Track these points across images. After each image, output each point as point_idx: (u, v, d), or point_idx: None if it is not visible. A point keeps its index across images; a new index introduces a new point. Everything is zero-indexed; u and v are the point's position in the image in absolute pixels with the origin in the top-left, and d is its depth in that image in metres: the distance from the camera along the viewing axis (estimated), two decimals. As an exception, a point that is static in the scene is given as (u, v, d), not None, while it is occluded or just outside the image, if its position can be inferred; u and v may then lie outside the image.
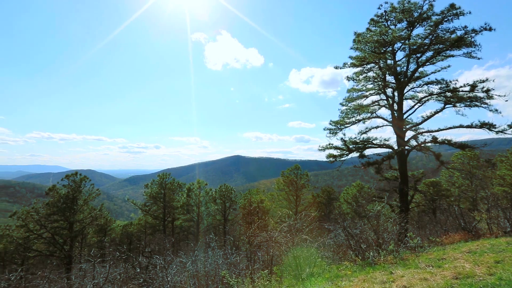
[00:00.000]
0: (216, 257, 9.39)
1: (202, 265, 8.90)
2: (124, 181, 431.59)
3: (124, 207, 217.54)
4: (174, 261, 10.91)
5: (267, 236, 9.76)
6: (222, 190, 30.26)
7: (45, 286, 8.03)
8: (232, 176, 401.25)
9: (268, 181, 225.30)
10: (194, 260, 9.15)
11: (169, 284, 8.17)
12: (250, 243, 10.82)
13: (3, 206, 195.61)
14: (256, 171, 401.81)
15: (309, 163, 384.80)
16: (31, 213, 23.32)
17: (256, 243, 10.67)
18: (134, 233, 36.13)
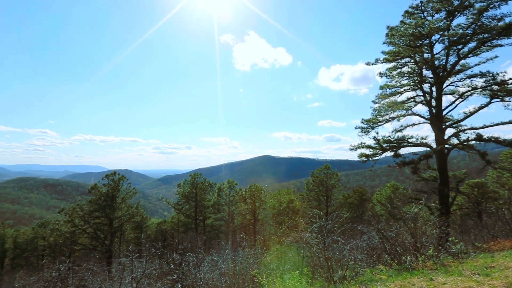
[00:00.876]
0: (247, 256, 9.46)
1: (233, 264, 9.01)
2: (158, 181, 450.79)
3: (158, 206, 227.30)
4: (206, 259, 11.16)
5: (297, 236, 9.66)
6: (252, 190, 30.46)
7: (90, 277, 8.63)
8: (261, 176, 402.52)
9: (297, 181, 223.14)
10: (225, 258, 9.30)
11: (201, 281, 8.38)
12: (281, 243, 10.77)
13: (52, 203, 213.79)
14: (286, 171, 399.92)
15: (339, 162, 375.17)
16: (76, 209, 25.19)
17: (286, 243, 10.60)
18: (167, 230, 37.61)
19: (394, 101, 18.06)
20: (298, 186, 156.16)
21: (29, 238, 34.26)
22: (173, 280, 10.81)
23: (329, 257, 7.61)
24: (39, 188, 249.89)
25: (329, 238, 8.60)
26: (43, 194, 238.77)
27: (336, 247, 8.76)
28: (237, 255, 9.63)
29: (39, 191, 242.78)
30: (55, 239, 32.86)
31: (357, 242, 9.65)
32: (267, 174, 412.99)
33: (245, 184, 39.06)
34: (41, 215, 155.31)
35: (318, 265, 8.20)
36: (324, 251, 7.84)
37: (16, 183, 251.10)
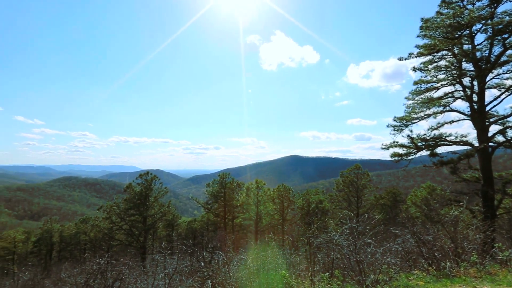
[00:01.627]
0: (276, 256, 9.43)
1: (262, 264, 9.02)
2: (188, 180, 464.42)
3: (188, 205, 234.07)
4: (235, 257, 11.29)
5: (327, 238, 9.47)
6: (280, 190, 30.33)
7: (126, 272, 9.10)
8: (289, 176, 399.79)
9: (326, 182, 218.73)
10: (254, 258, 9.34)
11: (231, 279, 8.49)
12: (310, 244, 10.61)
13: (92, 200, 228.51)
14: (314, 171, 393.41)
15: (370, 162, 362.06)
16: (113, 207, 26.68)
17: (316, 245, 10.42)
18: (197, 229, 38.60)
19: (430, 97, 17.04)
20: (327, 187, 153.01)
21: (73, 233, 36.87)
22: (204, 277, 11.07)
23: (360, 259, 7.37)
24: (80, 186, 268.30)
25: (360, 240, 8.33)
26: (84, 192, 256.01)
27: (368, 249, 8.46)
28: (266, 255, 9.64)
29: (81, 190, 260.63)
30: (95, 234, 35.08)
31: (390, 245, 9.23)
32: (295, 174, 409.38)
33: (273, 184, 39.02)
34: (82, 211, 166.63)
35: (349, 268, 7.98)
36: (355, 253, 7.60)
37: (61, 182, 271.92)
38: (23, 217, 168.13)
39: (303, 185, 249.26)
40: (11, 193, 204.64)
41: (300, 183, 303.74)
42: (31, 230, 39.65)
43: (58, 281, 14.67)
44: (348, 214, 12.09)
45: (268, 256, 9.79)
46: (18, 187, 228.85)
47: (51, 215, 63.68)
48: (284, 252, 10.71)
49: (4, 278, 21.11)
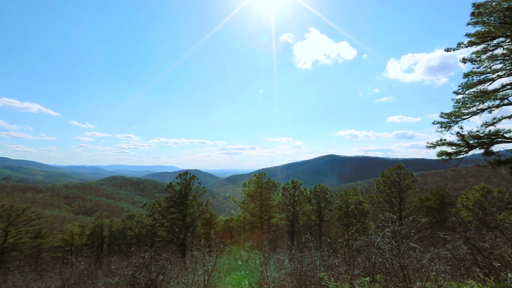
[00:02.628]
0: (313, 258, 9.26)
1: (300, 265, 8.91)
2: (224, 180, 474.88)
3: (225, 204, 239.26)
4: (272, 257, 11.29)
5: (367, 240, 9.07)
6: (317, 190, 29.72)
7: (168, 267, 9.56)
8: (326, 176, 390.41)
9: (365, 182, 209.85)
10: (291, 258, 9.27)
11: (268, 279, 8.51)
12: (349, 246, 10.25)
13: (137, 198, 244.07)
14: (352, 171, 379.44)
15: (414, 162, 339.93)
16: (155, 205, 28.17)
17: (355, 247, 10.04)
18: (234, 228, 39.27)
19: (484, 90, 15.49)
20: (366, 187, 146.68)
21: (120, 228, 39.66)
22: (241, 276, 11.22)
23: (405, 265, 6.94)
24: (126, 185, 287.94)
25: (404, 244, 7.85)
26: (129, 191, 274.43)
27: (413, 254, 7.95)
28: (303, 256, 9.51)
29: (126, 188, 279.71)
30: (140, 230, 37.36)
31: (439, 251, 8.56)
32: (331, 174, 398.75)
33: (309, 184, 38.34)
34: (128, 208, 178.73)
35: (392, 273, 7.56)
36: (399, 258, 7.18)
37: (109, 181, 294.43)
38: (79, 212, 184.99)
39: (340, 185, 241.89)
40: (68, 190, 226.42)
41: (337, 184, 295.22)
42: (85, 224, 43.42)
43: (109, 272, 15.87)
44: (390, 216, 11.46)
45: (305, 257, 9.64)
46: (74, 185, 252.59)
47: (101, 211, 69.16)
48: (322, 253, 10.48)
49: (64, 266, 23.39)
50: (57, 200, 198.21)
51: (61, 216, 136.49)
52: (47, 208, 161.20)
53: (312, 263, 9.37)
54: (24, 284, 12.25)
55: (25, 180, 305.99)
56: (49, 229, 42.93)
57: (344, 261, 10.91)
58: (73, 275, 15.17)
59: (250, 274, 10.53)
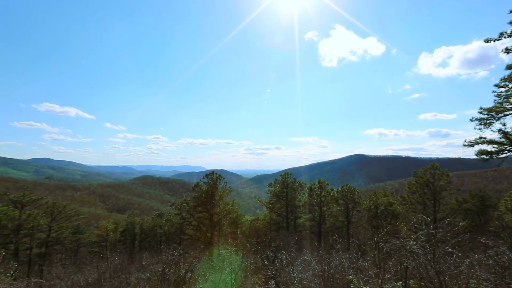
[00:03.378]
0: (342, 260, 9.05)
1: (327, 266, 8.75)
2: (250, 180, 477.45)
3: (251, 204, 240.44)
4: (299, 258, 11.18)
5: (399, 243, 8.70)
6: (344, 191, 28.97)
7: (196, 264, 9.79)
8: (353, 176, 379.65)
9: (396, 182, 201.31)
10: (318, 259, 9.12)
11: (295, 280, 8.44)
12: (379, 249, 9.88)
13: (165, 198, 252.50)
14: (381, 171, 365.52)
15: (449, 161, 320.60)
16: (183, 204, 28.95)
17: (386, 250, 9.67)
18: (260, 227, 39.35)
19: (530, 83, 14.26)
20: (397, 188, 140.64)
21: (150, 226, 41.24)
22: (267, 276, 11.23)
23: (441, 271, 6.57)
24: (156, 185, 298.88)
25: (440, 249, 7.43)
26: (158, 190, 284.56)
27: (450, 260, 7.50)
28: (331, 258, 9.32)
29: (156, 187, 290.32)
30: (169, 228, 38.61)
31: (480, 257, 8.00)
32: (359, 174, 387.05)
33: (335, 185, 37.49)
34: (157, 207, 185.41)
35: (426, 279, 7.19)
36: (434, 263, 6.80)
37: (140, 180, 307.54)
38: (112, 210, 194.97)
39: (368, 186, 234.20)
40: (103, 189, 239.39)
41: (365, 184, 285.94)
42: (119, 221, 45.67)
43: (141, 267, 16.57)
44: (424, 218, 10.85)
45: (333, 259, 9.44)
46: (108, 184, 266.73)
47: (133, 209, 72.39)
48: (350, 256, 10.20)
49: (100, 260, 24.77)
50: (93, 198, 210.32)
51: (97, 214, 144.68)
52: (84, 205, 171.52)
53: (340, 265, 9.15)
54: (66, 275, 13.14)
55: (65, 179, 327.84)
56: (86, 225, 45.74)
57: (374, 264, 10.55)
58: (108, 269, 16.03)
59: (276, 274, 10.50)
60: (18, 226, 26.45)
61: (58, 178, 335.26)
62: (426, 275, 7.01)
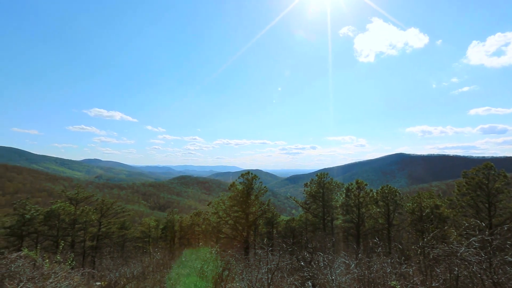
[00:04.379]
0: (383, 264, 8.60)
1: (367, 271, 8.37)
2: (285, 180, 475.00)
3: (286, 204, 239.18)
4: (337, 260, 10.85)
5: (448, 249, 8.06)
6: (385, 192, 27.54)
7: (233, 263, 9.95)
8: (394, 176, 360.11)
9: (442, 183, 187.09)
10: (358, 263, 8.76)
11: (333, 282, 8.19)
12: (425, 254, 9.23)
13: (202, 197, 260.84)
14: (425, 172, 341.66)
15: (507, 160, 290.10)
16: (220, 203, 29.65)
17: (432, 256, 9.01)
18: (296, 228, 38.93)
19: None
20: (444, 189, 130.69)
21: (189, 223, 42.81)
22: (304, 277, 11.06)
23: (499, 282, 5.94)
24: (193, 184, 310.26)
25: (498, 258, 6.73)
26: (196, 189, 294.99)
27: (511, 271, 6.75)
28: (371, 261, 8.90)
29: (193, 187, 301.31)
30: (206, 226, 39.71)
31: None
32: (400, 174, 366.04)
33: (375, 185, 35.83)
34: (195, 206, 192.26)
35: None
36: (491, 273, 6.18)
37: (178, 180, 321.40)
38: (154, 207, 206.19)
39: (410, 187, 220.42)
40: (145, 188, 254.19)
41: (407, 185, 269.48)
42: (160, 219, 48.10)
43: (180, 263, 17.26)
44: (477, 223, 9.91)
45: (374, 263, 9.01)
46: (150, 183, 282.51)
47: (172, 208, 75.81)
48: (392, 260, 9.66)
49: (143, 255, 26.31)
50: (136, 197, 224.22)
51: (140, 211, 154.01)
52: (129, 203, 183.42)
53: (382, 269, 8.71)
54: (114, 267, 14.15)
55: (112, 178, 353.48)
56: (131, 221, 48.86)
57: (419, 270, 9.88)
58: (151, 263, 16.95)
59: (313, 276, 10.29)
60: (74, 220, 29.03)
61: (106, 177, 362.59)
62: (482, 285, 6.40)
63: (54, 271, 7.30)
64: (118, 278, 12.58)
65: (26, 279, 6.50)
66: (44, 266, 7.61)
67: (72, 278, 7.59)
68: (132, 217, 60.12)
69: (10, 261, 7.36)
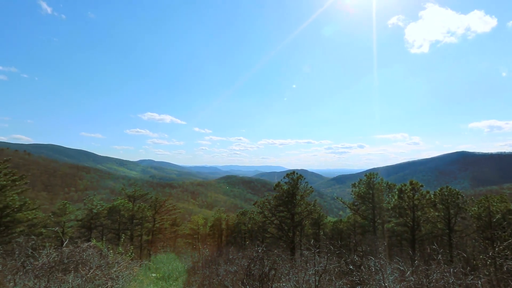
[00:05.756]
0: (444, 274, 7.79)
1: (426, 279, 7.66)
2: (331, 180, 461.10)
3: (333, 205, 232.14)
4: (389, 266, 10.15)
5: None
6: (444, 194, 25.04)
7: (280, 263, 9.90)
8: (455, 177, 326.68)
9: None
10: (414, 270, 8.06)
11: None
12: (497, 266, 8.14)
13: (248, 196, 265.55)
14: (494, 172, 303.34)
15: None
16: (265, 203, 29.82)
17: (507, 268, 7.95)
18: (344, 230, 37.50)
19: None
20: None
21: (235, 222, 43.84)
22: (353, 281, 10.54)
23: None
24: (239, 184, 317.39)
25: None
26: (241, 189, 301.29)
27: None
28: (430, 270, 8.13)
29: (239, 186, 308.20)
30: (252, 226, 40.32)
31: None
32: (462, 175, 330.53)
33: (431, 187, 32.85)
34: (241, 205, 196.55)
35: None
36: None
37: (225, 179, 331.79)
38: (202, 206, 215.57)
39: (476, 189, 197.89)
40: (194, 187, 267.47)
41: (472, 187, 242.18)
42: (207, 217, 50.03)
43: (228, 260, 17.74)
44: None
45: (433, 272, 8.22)
46: (198, 183, 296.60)
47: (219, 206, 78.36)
48: (455, 270, 8.71)
49: (193, 251, 27.63)
50: (186, 195, 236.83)
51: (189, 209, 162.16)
52: (179, 201, 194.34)
53: (443, 279, 7.91)
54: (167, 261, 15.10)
55: (164, 178, 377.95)
56: (181, 219, 51.71)
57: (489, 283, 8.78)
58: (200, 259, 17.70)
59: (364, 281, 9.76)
60: (132, 216, 31.64)
61: (159, 176, 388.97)
62: None
63: (117, 261, 8.06)
64: (171, 271, 13.36)
65: (95, 266, 7.27)
66: (109, 256, 8.43)
67: (132, 268, 8.27)
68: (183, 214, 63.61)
69: (82, 249, 8.38)
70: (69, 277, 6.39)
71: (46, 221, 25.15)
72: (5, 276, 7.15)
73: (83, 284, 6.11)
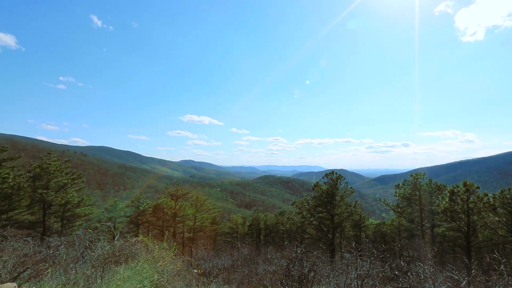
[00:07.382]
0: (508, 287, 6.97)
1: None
2: (373, 180, 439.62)
3: (375, 206, 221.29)
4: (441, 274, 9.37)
5: None
6: (506, 197, 22.42)
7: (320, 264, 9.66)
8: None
9: None
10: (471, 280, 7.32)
11: (439, 300, 7.07)
12: None
13: (286, 196, 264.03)
14: None
15: None
16: (304, 203, 29.35)
17: None
18: (387, 233, 35.54)
19: None
20: None
21: (273, 222, 43.84)
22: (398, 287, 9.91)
23: None
24: (277, 184, 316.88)
25: None
26: (279, 189, 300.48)
27: None
28: (490, 281, 7.33)
29: (277, 186, 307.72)
30: (290, 226, 39.98)
31: None
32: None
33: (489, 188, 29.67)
34: (279, 205, 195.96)
35: None
36: None
37: (262, 179, 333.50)
38: (240, 205, 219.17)
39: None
40: (232, 187, 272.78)
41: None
42: (246, 216, 50.71)
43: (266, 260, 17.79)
44: None
45: (494, 283, 7.40)
46: (236, 182, 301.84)
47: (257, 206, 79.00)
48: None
49: (232, 249, 28.17)
50: (225, 195, 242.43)
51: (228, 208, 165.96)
52: (218, 200, 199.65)
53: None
54: (208, 258, 15.59)
55: (203, 178, 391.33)
56: (220, 218, 53.05)
57: None
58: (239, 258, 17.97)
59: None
60: (174, 214, 33.21)
61: (198, 176, 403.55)
62: None
63: (162, 256, 8.53)
64: (211, 268, 13.75)
65: (143, 260, 7.77)
66: (154, 251, 8.96)
67: (176, 264, 8.68)
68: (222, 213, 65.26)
69: (131, 244, 9.05)
70: (120, 268, 6.90)
71: (100, 216, 27.53)
72: (68, 264, 7.99)
73: (132, 276, 6.55)
